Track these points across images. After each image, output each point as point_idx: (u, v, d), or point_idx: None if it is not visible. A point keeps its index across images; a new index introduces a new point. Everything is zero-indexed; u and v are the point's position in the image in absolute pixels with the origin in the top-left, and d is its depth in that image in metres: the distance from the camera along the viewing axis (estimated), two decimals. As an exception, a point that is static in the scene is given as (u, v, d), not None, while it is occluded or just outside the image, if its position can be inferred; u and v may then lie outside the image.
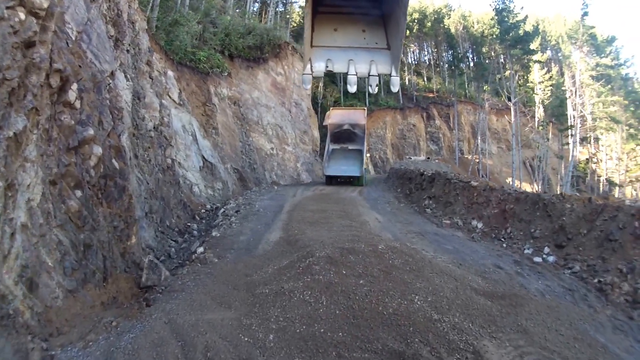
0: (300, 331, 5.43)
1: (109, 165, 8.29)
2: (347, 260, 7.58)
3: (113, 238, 7.80)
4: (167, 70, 17.99)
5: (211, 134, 22.89)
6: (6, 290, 4.33)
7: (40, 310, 4.90)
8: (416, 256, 7.95)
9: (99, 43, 8.64)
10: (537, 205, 10.73)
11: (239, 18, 37.68)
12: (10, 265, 4.58)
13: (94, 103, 7.98)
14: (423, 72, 74.29)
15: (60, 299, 5.36)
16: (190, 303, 6.46)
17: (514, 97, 41.05)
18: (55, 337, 4.94)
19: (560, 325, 5.80)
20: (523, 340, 5.25)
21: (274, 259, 8.63)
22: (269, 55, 35.67)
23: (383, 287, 6.42)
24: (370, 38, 6.04)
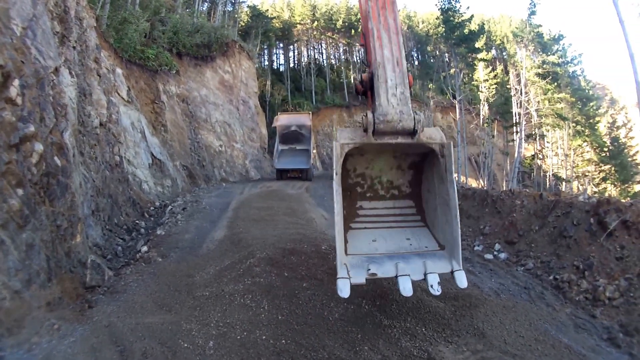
0: (240, 337, 5.28)
1: (51, 162, 8.11)
2: (289, 261, 7.56)
3: (57, 237, 7.66)
4: (115, 68, 17.53)
5: (160, 132, 22.50)
6: (-48, 291, 4.29)
7: (-11, 311, 4.87)
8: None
9: (43, 39, 8.45)
10: (486, 201, 10.80)
11: (187, 17, 37.12)
12: (-47, 266, 4.54)
13: (37, 99, 7.80)
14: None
15: (8, 300, 5.29)
16: (132, 305, 6.42)
17: (459, 95, 41.82)
18: (7, 338, 4.90)
19: (519, 326, 5.60)
20: (481, 344, 5.03)
21: (217, 259, 8.56)
22: (217, 53, 35.67)
23: (328, 290, 6.21)
24: (418, 244, 5.52)
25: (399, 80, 4.67)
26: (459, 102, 41.57)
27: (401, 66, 4.73)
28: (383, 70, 4.65)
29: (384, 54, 4.70)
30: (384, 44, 4.74)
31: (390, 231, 5.73)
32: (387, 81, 4.63)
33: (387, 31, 4.82)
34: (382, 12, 4.90)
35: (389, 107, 4.58)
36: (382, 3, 4.95)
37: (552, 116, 42.39)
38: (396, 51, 4.75)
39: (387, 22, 4.87)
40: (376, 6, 4.94)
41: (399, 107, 4.61)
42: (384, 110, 4.58)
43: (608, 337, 5.72)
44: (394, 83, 4.63)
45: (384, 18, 4.88)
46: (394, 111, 4.58)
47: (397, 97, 4.62)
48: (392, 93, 4.60)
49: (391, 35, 4.83)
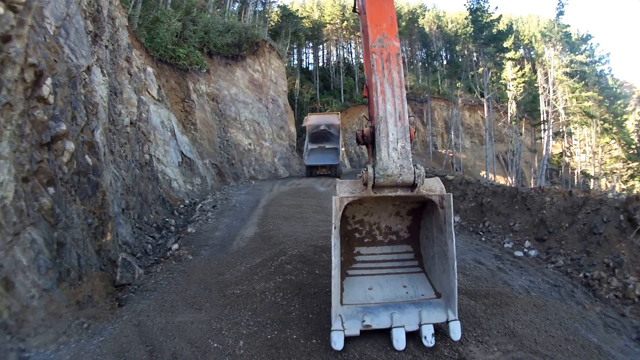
0: (271, 337, 5.20)
1: (82, 161, 8.15)
2: (321, 259, 7.47)
3: (87, 235, 7.69)
4: (146, 67, 17.74)
5: (190, 130, 22.71)
6: (-19, 290, 4.27)
7: (17, 310, 4.82)
8: None
9: (76, 38, 8.49)
10: (515, 198, 10.62)
11: (218, 16, 37.50)
12: (-15, 264, 4.53)
13: (68, 98, 7.83)
14: None
15: (36, 299, 5.28)
16: (162, 304, 6.34)
17: (487, 93, 41.84)
18: (32, 338, 4.86)
19: (549, 325, 5.51)
20: (512, 344, 4.93)
21: (247, 257, 8.49)
22: (247, 52, 35.90)
23: None
24: (414, 292, 5.54)
25: (401, 134, 4.71)
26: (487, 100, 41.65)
27: (403, 120, 4.76)
28: (385, 125, 4.69)
29: (386, 108, 4.73)
30: (387, 98, 4.78)
31: (387, 278, 5.73)
32: (389, 135, 4.68)
33: (391, 85, 4.84)
34: (387, 65, 4.91)
35: (390, 162, 4.62)
36: (386, 56, 4.94)
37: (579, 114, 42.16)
38: (399, 105, 4.77)
39: (391, 76, 4.88)
40: (380, 59, 4.93)
41: (400, 162, 4.64)
42: (384, 164, 4.63)
43: (637, 337, 5.69)
44: (395, 137, 4.68)
45: (388, 71, 4.89)
46: (395, 165, 4.63)
47: (398, 151, 4.66)
48: (394, 147, 4.65)
49: (394, 88, 4.84)
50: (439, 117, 65.62)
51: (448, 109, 62.33)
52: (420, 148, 60.14)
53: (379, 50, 4.94)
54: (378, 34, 5.04)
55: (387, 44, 5.00)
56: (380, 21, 5.09)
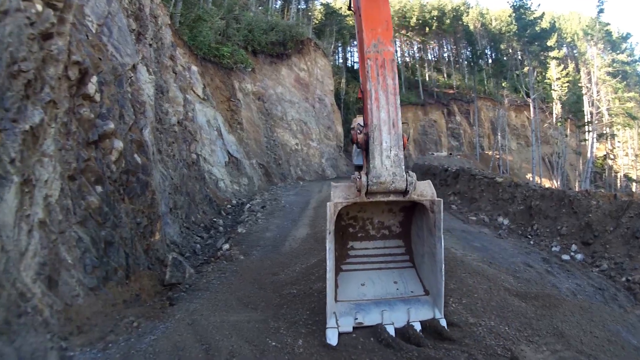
0: None
1: (131, 160, 8.13)
2: None
3: (136, 234, 7.64)
4: (190, 65, 17.91)
5: (236, 129, 22.81)
6: (24, 288, 4.15)
7: (60, 309, 4.72)
8: (447, 255, 7.68)
9: (120, 36, 8.49)
10: (563, 201, 10.61)
11: (261, 15, 37.65)
12: (28, 263, 4.42)
13: (115, 96, 7.81)
14: (443, 68, 74.19)
15: (81, 297, 5.19)
16: (215, 303, 6.25)
17: (533, 93, 41.31)
18: (76, 336, 4.75)
19: (594, 326, 5.58)
20: (560, 344, 5.01)
21: (302, 257, 8.50)
22: (292, 51, 35.76)
23: None
24: (404, 288, 5.75)
25: (394, 142, 4.75)
26: (533, 100, 41.10)
27: (397, 128, 4.79)
28: (379, 133, 4.74)
29: (380, 116, 4.75)
30: (381, 105, 4.79)
31: (379, 273, 5.88)
32: (382, 143, 4.73)
33: (385, 92, 4.83)
34: (381, 72, 4.88)
35: (383, 169, 4.69)
36: (381, 62, 4.90)
37: (622, 115, 40.96)
38: (393, 113, 4.80)
39: (386, 82, 4.87)
40: (375, 65, 4.90)
41: (392, 169, 4.71)
42: (377, 172, 4.69)
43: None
44: (388, 145, 4.73)
45: (383, 78, 4.86)
46: (387, 173, 4.70)
47: (391, 159, 4.72)
48: (387, 155, 4.71)
49: (389, 96, 4.84)
50: (485, 118, 64.39)
51: (494, 109, 61.31)
52: (467, 149, 59.18)
53: (373, 56, 4.91)
54: (373, 39, 4.97)
55: (382, 50, 4.94)
56: (375, 25, 4.99)
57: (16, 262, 4.16)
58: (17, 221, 4.35)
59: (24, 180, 4.66)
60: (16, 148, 4.59)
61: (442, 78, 71.34)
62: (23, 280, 4.19)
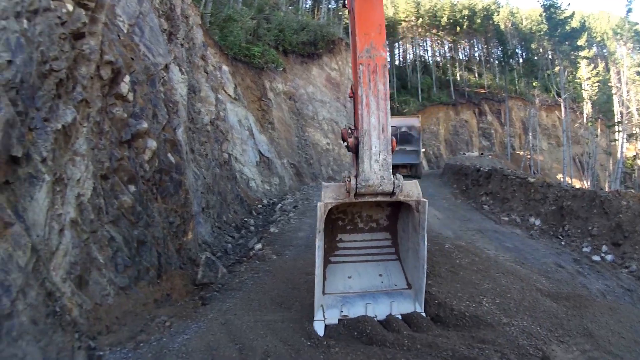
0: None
1: (164, 159, 8.14)
2: None
3: (168, 234, 7.64)
4: (221, 65, 18.01)
5: (267, 129, 22.83)
6: (53, 287, 4.13)
7: (90, 308, 4.71)
8: (482, 255, 7.73)
9: (151, 36, 8.53)
10: (594, 202, 10.61)
11: (292, 14, 37.70)
12: (59, 262, 4.41)
13: (148, 96, 7.84)
14: (474, 68, 73.26)
15: (111, 297, 5.17)
16: (249, 302, 6.18)
17: (564, 93, 41.03)
18: (105, 336, 4.73)
19: (622, 327, 5.61)
20: (589, 344, 5.05)
21: None
22: (323, 50, 35.59)
23: (451, 288, 6.18)
24: (388, 281, 6.02)
25: (383, 147, 4.90)
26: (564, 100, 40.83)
27: (386, 133, 4.93)
28: (369, 138, 4.87)
29: (370, 121, 4.89)
30: (372, 111, 4.91)
31: (365, 265, 6.11)
32: (372, 148, 4.87)
33: (376, 97, 4.94)
34: (373, 77, 4.97)
35: (371, 173, 4.85)
36: (373, 67, 4.97)
37: None
38: (382, 118, 4.93)
39: (377, 88, 4.97)
40: (367, 71, 4.97)
41: (380, 173, 4.88)
42: (366, 175, 4.85)
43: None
44: (377, 150, 4.88)
45: (374, 83, 4.96)
46: (376, 176, 4.87)
47: (380, 163, 4.88)
48: (375, 159, 4.86)
49: (379, 101, 4.95)
50: (516, 118, 63.30)
51: (525, 109, 60.54)
52: (498, 149, 58.33)
53: (366, 62, 4.98)
54: (366, 44, 5.01)
55: (375, 55, 5.00)
56: (369, 30, 5.03)
57: (46, 261, 4.15)
58: (48, 220, 4.34)
59: (55, 180, 4.66)
60: (48, 147, 4.59)
61: (473, 78, 70.41)
62: (52, 279, 4.17)
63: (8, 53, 4.05)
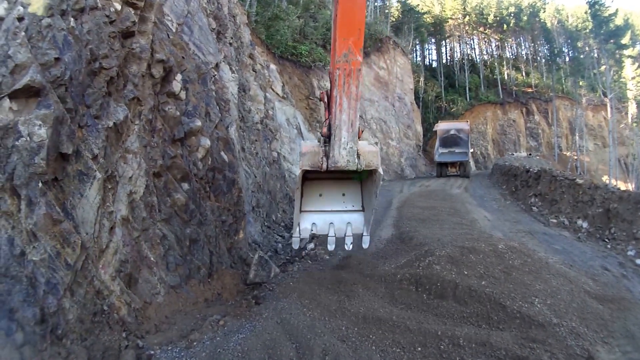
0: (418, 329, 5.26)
1: (217, 157, 8.13)
2: (468, 259, 7.36)
3: (220, 233, 7.60)
4: (269, 64, 17.99)
5: (316, 128, 22.69)
6: (101, 286, 4.09)
7: (138, 307, 4.66)
8: (534, 257, 7.75)
9: (201, 35, 8.53)
10: (639, 205, 10.56)
11: (339, 12, 37.38)
12: (108, 260, 4.37)
13: (200, 94, 7.84)
14: (521, 66, 71.01)
15: (161, 295, 5.12)
16: (304, 302, 6.08)
17: (610, 92, 40.16)
18: (153, 335, 4.68)
19: None
20: (630, 346, 5.20)
21: (389, 257, 8.50)
22: (371, 49, 35.26)
23: (504, 288, 6.23)
24: (349, 201, 7.16)
25: (351, 138, 5.70)
26: (610, 100, 40.29)
27: (354, 127, 5.65)
28: (339, 131, 5.61)
29: (342, 117, 5.52)
30: (344, 109, 5.49)
31: (332, 184, 7.11)
32: (341, 139, 5.67)
33: (349, 98, 5.44)
34: (347, 80, 5.38)
35: (340, 158, 5.79)
36: (348, 71, 5.34)
37: None
38: (352, 115, 5.55)
39: (350, 90, 5.42)
40: (343, 74, 5.35)
41: (347, 157, 5.81)
42: (336, 159, 5.80)
43: None
44: (346, 140, 5.70)
45: (348, 86, 5.39)
46: (343, 160, 5.82)
47: (347, 150, 5.76)
48: (344, 147, 5.73)
49: (351, 101, 5.47)
50: (563, 118, 61.33)
51: (572, 108, 59.43)
52: (546, 150, 56.83)
53: (342, 66, 5.31)
54: (344, 49, 5.28)
55: (351, 59, 5.32)
56: (348, 35, 5.24)
57: (95, 259, 4.11)
58: (98, 218, 4.32)
59: (107, 177, 4.65)
60: (99, 144, 4.58)
61: (520, 76, 68.12)
62: (101, 277, 4.14)
63: (55, 50, 4.04)
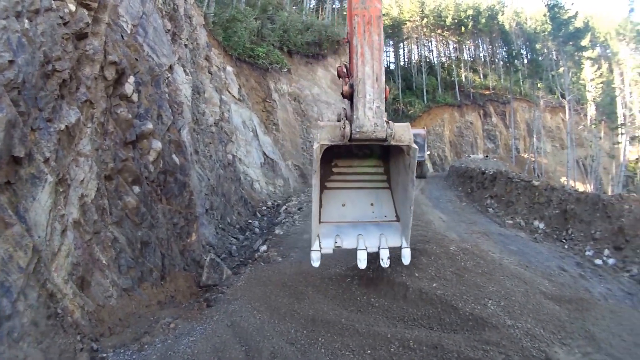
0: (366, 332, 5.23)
1: (169, 160, 8.11)
2: (419, 262, 7.26)
3: (172, 235, 7.60)
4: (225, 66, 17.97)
5: (272, 130, 22.78)
6: (55, 289, 4.09)
7: (92, 310, 4.66)
8: (487, 258, 7.69)
9: (155, 37, 8.50)
10: (597, 206, 10.65)
11: (296, 15, 37.50)
12: (60, 263, 4.37)
13: (153, 97, 7.81)
14: (479, 68, 72.28)
15: (114, 298, 5.13)
16: (255, 305, 6.13)
17: (568, 94, 40.67)
18: (107, 338, 4.69)
19: (622, 330, 5.71)
20: (591, 346, 5.15)
21: (342, 260, 8.30)
22: (328, 51, 35.50)
23: (456, 290, 6.16)
24: (379, 211, 6.28)
25: (377, 95, 5.03)
26: (568, 102, 40.49)
27: (379, 82, 5.05)
28: (363, 86, 5.00)
29: (365, 70, 5.02)
30: (366, 60, 5.03)
31: (358, 193, 6.39)
32: (366, 96, 5.00)
33: (371, 48, 5.05)
34: (368, 28, 5.07)
35: (365, 120, 5.01)
36: (368, 18, 5.07)
37: None
38: (377, 67, 5.05)
39: (372, 39, 5.07)
40: (362, 22, 5.06)
41: (374, 120, 5.02)
42: (360, 122, 5.01)
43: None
44: (371, 98, 5.01)
45: (369, 34, 5.07)
46: (370, 124, 5.02)
47: (374, 110, 5.02)
48: (369, 107, 5.00)
49: (374, 51, 5.06)
50: (521, 120, 62.93)
51: (530, 110, 60.25)
52: (503, 152, 57.96)
53: (361, 13, 5.05)
54: None
55: (369, 6, 5.09)
56: None
57: (48, 262, 4.11)
58: (50, 221, 4.30)
59: (58, 180, 4.63)
60: (51, 147, 4.56)
61: (478, 79, 69.51)
62: (54, 280, 4.14)
63: (9, 53, 4.02)
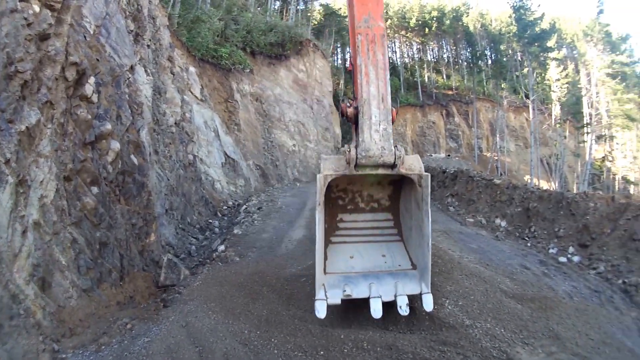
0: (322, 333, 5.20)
1: (128, 161, 8.11)
2: None
3: (131, 236, 7.62)
4: (188, 66, 17.89)
5: (233, 130, 22.75)
6: (17, 290, 4.14)
7: (53, 310, 4.71)
8: (444, 257, 7.58)
9: (118, 37, 8.48)
10: (561, 203, 10.65)
11: (260, 15, 37.39)
12: (21, 264, 4.41)
13: (112, 97, 7.80)
14: (442, 69, 73.36)
15: (74, 299, 5.17)
16: (210, 305, 6.18)
17: (532, 94, 40.77)
18: (68, 338, 4.73)
19: (589, 329, 5.67)
20: (555, 346, 5.08)
21: (298, 259, 8.41)
22: (291, 52, 35.36)
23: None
24: (392, 261, 5.84)
25: (383, 117, 4.84)
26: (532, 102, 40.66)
27: (385, 103, 4.88)
28: (368, 107, 4.82)
29: (370, 90, 4.84)
30: (371, 80, 4.87)
31: (367, 246, 5.99)
32: (372, 118, 4.81)
33: (375, 67, 4.90)
34: (372, 47, 4.95)
35: (372, 143, 4.79)
36: (372, 37, 4.95)
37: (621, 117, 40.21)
38: (382, 87, 4.88)
39: (376, 58, 4.93)
40: (366, 40, 4.96)
41: (381, 143, 4.80)
42: (366, 146, 4.79)
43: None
44: (377, 120, 4.81)
45: (373, 53, 4.93)
46: (376, 147, 4.80)
47: (380, 133, 4.81)
48: (375, 129, 4.80)
49: (378, 71, 4.91)
50: (484, 119, 63.73)
51: (493, 110, 60.59)
52: (466, 151, 58.75)
53: (364, 32, 4.95)
54: (364, 14, 4.99)
55: (373, 25, 4.98)
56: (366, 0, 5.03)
57: (9, 263, 4.16)
58: (11, 222, 4.34)
59: (19, 181, 4.65)
60: (12, 148, 4.58)
61: (441, 79, 70.68)
62: (16, 281, 4.18)
63: (-27, 55, 4.05)
